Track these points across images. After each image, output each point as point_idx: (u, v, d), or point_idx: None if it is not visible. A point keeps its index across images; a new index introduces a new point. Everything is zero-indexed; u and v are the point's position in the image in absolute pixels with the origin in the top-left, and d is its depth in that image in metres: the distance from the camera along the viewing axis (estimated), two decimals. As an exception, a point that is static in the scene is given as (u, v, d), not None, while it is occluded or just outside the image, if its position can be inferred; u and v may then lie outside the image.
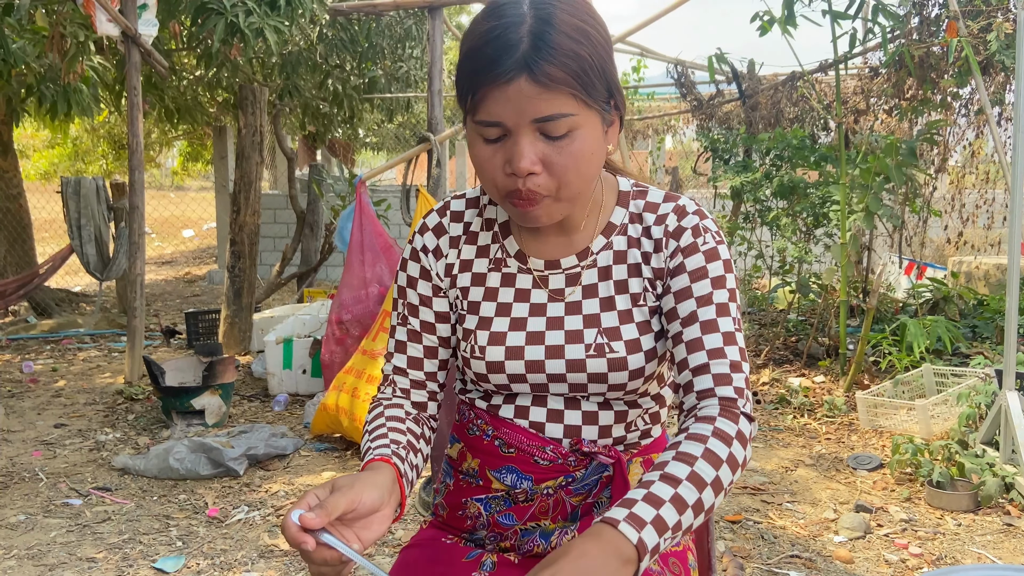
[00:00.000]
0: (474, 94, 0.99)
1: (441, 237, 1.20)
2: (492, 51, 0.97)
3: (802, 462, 3.56)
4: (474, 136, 1.04)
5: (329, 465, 3.55)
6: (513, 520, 1.18)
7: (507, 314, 1.15)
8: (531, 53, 0.96)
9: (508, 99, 0.97)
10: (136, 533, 2.87)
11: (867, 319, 4.40)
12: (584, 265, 1.15)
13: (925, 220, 5.95)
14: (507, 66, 0.96)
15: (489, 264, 1.18)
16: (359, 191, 4.27)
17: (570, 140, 1.00)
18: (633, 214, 1.16)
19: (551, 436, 1.15)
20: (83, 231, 6.30)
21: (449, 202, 1.23)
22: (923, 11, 4.48)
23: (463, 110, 1.05)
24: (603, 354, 1.11)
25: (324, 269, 8.55)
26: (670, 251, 1.12)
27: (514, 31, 0.97)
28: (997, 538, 2.79)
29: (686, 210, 1.14)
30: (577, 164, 1.01)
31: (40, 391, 4.78)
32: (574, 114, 0.99)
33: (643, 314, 1.13)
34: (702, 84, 6.70)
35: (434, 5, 4.78)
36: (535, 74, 0.96)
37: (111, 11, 4.60)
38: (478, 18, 1.03)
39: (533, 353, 1.13)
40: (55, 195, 6.77)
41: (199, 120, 8.49)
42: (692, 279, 1.10)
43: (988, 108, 3.94)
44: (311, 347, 4.61)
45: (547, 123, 0.98)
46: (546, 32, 0.97)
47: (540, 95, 0.97)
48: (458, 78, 1.03)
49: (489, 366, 1.14)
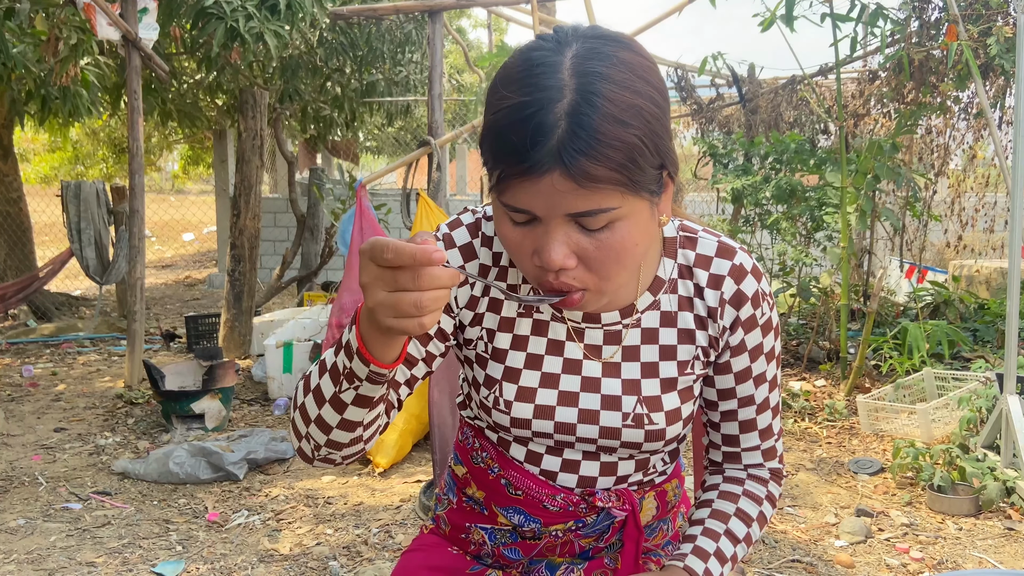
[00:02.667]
0: (499, 175, 0.85)
1: (470, 261, 1.04)
2: (522, 136, 0.81)
3: (803, 466, 3.55)
4: (499, 213, 0.90)
5: (329, 470, 3.54)
6: (519, 555, 1.15)
7: (538, 367, 1.04)
8: (568, 144, 0.80)
9: (539, 192, 0.83)
10: (136, 537, 2.87)
11: (868, 323, 4.39)
12: (628, 323, 1.03)
13: (925, 224, 5.95)
14: (538, 158, 0.81)
15: (520, 308, 1.05)
16: (359, 195, 4.27)
17: (611, 232, 0.86)
18: (683, 267, 1.04)
19: (563, 485, 1.08)
20: (83, 235, 6.30)
21: (480, 221, 1.06)
22: (923, 15, 4.48)
23: (487, 170, 0.89)
24: (641, 425, 1.02)
25: (324, 273, 8.55)
26: (728, 322, 1.03)
27: (548, 112, 0.81)
28: (998, 542, 2.78)
29: (744, 270, 1.03)
30: (618, 257, 0.88)
31: (40, 395, 4.77)
32: (616, 207, 0.85)
33: (688, 382, 1.05)
34: (702, 88, 6.71)
35: (434, 9, 4.78)
36: (571, 171, 0.81)
37: (111, 15, 4.60)
38: (508, 77, 0.86)
39: (564, 415, 1.03)
40: (55, 199, 6.78)
41: (199, 125, 8.50)
42: (752, 358, 1.05)
43: (988, 112, 3.94)
44: (311, 351, 4.60)
45: (584, 218, 0.85)
46: (587, 116, 0.80)
47: (576, 191, 0.82)
48: (481, 144, 0.88)
49: (514, 421, 1.04)
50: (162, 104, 7.58)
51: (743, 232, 5.48)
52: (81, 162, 13.88)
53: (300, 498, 3.21)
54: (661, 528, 1.19)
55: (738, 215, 5.54)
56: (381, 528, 2.93)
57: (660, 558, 1.16)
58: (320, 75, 7.48)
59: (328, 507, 3.13)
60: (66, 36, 4.95)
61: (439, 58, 4.75)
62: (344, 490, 3.30)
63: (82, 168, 13.91)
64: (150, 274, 10.98)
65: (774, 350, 1.07)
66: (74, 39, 4.98)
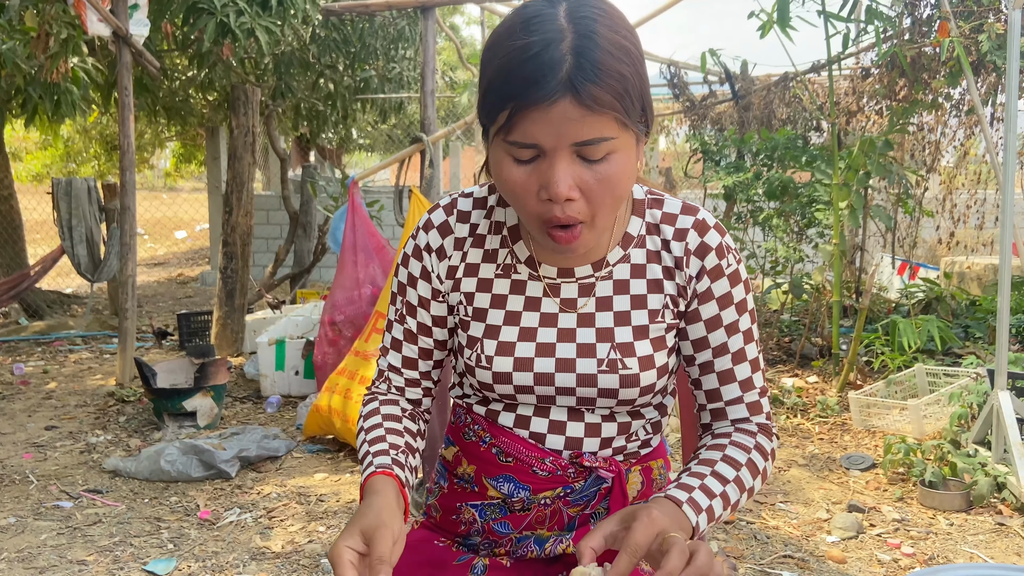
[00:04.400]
0: (510, 113, 0.93)
1: (446, 237, 1.15)
2: (532, 69, 0.90)
3: (795, 462, 3.56)
4: (502, 156, 0.98)
5: (322, 467, 3.53)
6: (509, 528, 1.17)
7: (516, 323, 1.11)
8: (576, 73, 0.90)
9: (549, 121, 0.91)
10: (127, 535, 2.86)
11: (860, 319, 4.40)
12: (599, 276, 1.11)
13: (917, 220, 5.97)
14: (550, 87, 0.90)
15: (497, 270, 1.13)
16: (352, 192, 4.26)
17: (607, 164, 0.95)
18: (650, 224, 1.12)
19: (551, 448, 1.13)
20: (74, 232, 6.28)
21: (456, 200, 1.17)
22: (915, 11, 4.49)
23: (485, 126, 0.99)
24: (616, 370, 1.08)
25: (317, 270, 8.53)
26: (694, 271, 1.10)
27: (555, 48, 0.90)
28: (989, 537, 2.79)
29: (707, 224, 1.11)
30: (613, 188, 0.97)
31: (31, 393, 4.75)
32: (614, 137, 0.94)
33: (659, 330, 1.11)
34: (695, 85, 6.71)
35: (427, 6, 4.77)
36: (580, 96, 0.90)
37: (102, 11, 4.58)
38: (509, 30, 0.95)
39: (543, 365, 1.09)
40: (46, 196, 6.75)
41: (190, 122, 8.47)
42: (720, 306, 1.10)
43: (980, 108, 3.95)
44: (304, 348, 4.59)
45: (587, 147, 0.93)
46: (590, 50, 0.91)
47: (584, 118, 0.91)
48: (485, 94, 0.96)
49: (496, 376, 1.10)
50: (152, 103, 7.55)
51: (735, 229, 5.49)
52: (73, 159, 13.82)
53: (292, 496, 3.21)
54: None
55: (731, 212, 5.54)
56: (373, 525, 2.92)
57: None
58: (313, 71, 7.46)
59: (320, 504, 3.12)
60: (56, 32, 4.92)
61: (432, 54, 4.74)
62: (336, 487, 3.30)
63: (74, 166, 13.85)
64: (142, 271, 10.94)
65: (745, 303, 1.11)
66: (64, 34, 4.95)
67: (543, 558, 1.16)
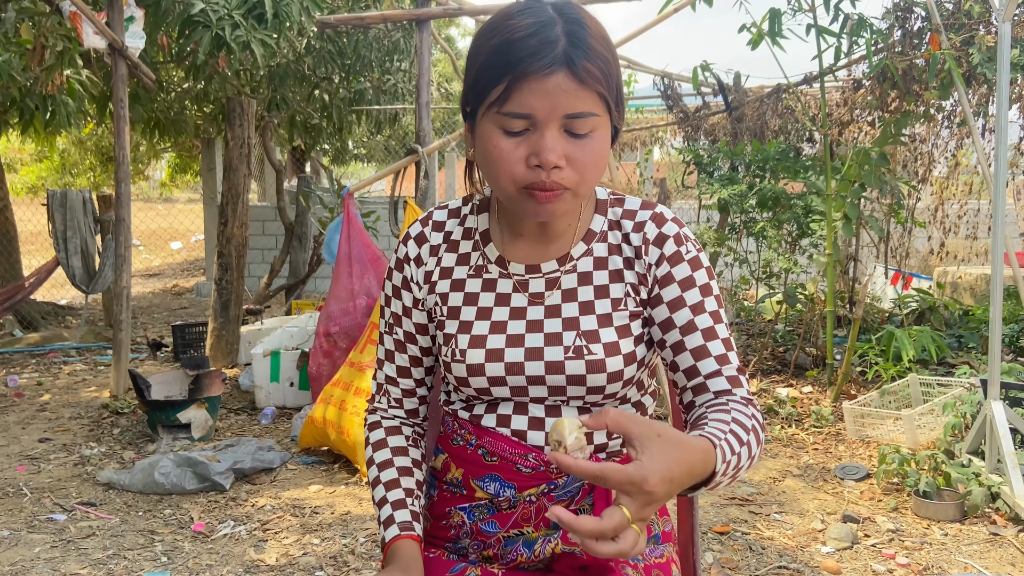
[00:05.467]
0: (507, 85, 1.01)
1: (422, 246, 1.22)
2: (533, 43, 1.00)
3: (790, 472, 3.56)
4: (492, 128, 1.05)
5: (316, 479, 3.53)
6: (496, 528, 1.19)
7: (487, 318, 1.17)
8: (570, 49, 1.00)
9: (546, 91, 1.00)
10: (121, 549, 2.85)
11: (854, 329, 4.42)
12: (564, 270, 1.17)
13: (910, 231, 5.99)
14: (548, 59, 0.99)
15: (469, 271, 1.20)
16: (347, 203, 4.27)
17: (591, 139, 1.04)
18: (611, 221, 1.19)
19: (533, 443, 1.16)
20: (69, 244, 6.27)
21: (432, 212, 1.25)
22: (906, 24, 4.53)
23: (475, 106, 1.07)
24: (581, 356, 1.12)
25: (312, 281, 8.53)
26: (654, 258, 1.15)
27: (551, 28, 1.01)
28: (983, 547, 2.80)
29: (664, 217, 1.17)
30: (595, 162, 1.05)
31: (25, 405, 4.74)
32: (598, 115, 1.03)
33: (623, 318, 1.15)
34: (688, 96, 6.74)
35: (422, 18, 4.79)
36: (576, 69, 1.00)
37: (98, 24, 4.60)
38: (502, 17, 1.05)
39: (513, 355, 1.14)
40: (41, 208, 6.74)
41: (186, 132, 8.47)
42: (683, 288, 1.14)
43: (971, 120, 3.97)
44: (299, 360, 4.59)
45: (576, 119, 1.02)
46: (581, 33, 1.01)
47: (576, 91, 1.01)
48: (480, 69, 1.04)
49: (469, 369, 1.15)
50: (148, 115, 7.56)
51: (730, 240, 5.51)
52: (68, 171, 13.81)
53: (287, 508, 3.20)
54: None
55: (725, 222, 5.56)
56: (368, 538, 2.92)
57: (637, 562, 1.16)
58: (308, 83, 7.48)
59: (315, 517, 3.12)
60: (52, 44, 4.93)
61: (427, 66, 4.76)
62: (331, 499, 3.29)
63: (70, 177, 13.84)
64: (137, 283, 10.92)
65: (709, 287, 1.15)
66: (60, 46, 4.96)
67: (534, 562, 1.17)
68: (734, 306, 6.26)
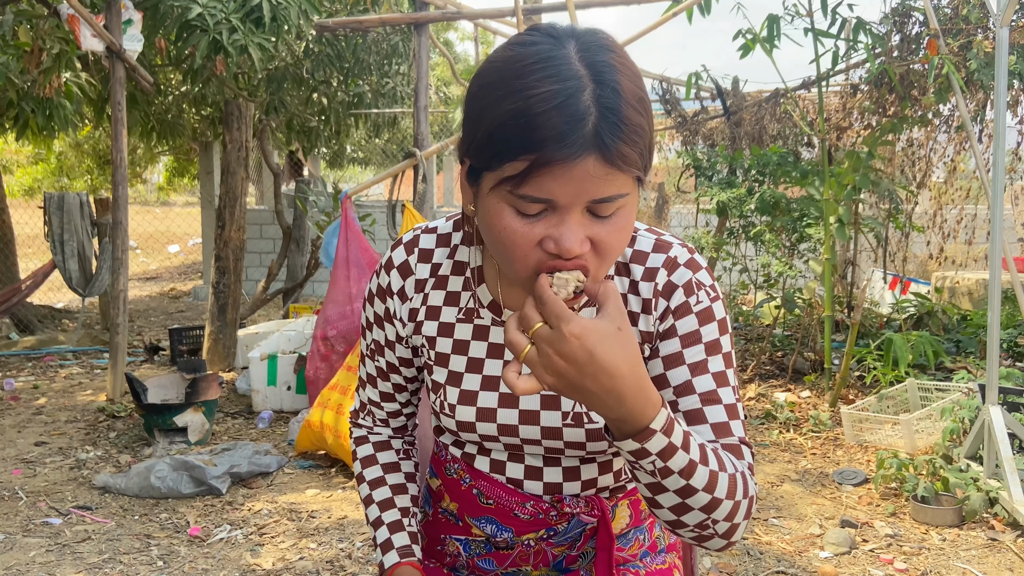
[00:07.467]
0: (527, 167, 0.83)
1: (407, 279, 1.10)
2: (557, 121, 0.80)
3: (788, 477, 3.56)
4: (502, 207, 0.87)
5: (313, 483, 3.52)
6: (493, 566, 1.16)
7: (478, 371, 1.07)
8: (602, 126, 0.81)
9: (571, 179, 0.82)
10: (116, 553, 2.83)
11: (852, 334, 4.42)
12: None
13: (907, 235, 6.00)
14: (576, 144, 0.81)
15: (459, 314, 1.08)
16: (345, 206, 4.27)
17: (617, 218, 0.88)
18: (620, 264, 1.05)
19: (530, 492, 1.09)
20: (66, 247, 6.26)
21: (418, 237, 1.11)
22: (904, 28, 4.53)
23: (484, 169, 0.88)
24: (581, 424, 1.03)
25: (310, 285, 8.52)
26: (659, 312, 1.02)
27: (578, 99, 0.81)
28: (981, 553, 2.79)
29: (677, 262, 1.03)
30: (621, 240, 0.90)
31: (21, 408, 4.72)
32: (629, 194, 0.87)
33: None
34: (687, 101, 6.74)
35: (420, 22, 4.80)
36: (608, 154, 0.82)
37: (95, 26, 4.59)
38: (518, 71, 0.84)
39: (506, 416, 1.05)
40: (38, 211, 6.74)
41: (183, 135, 8.47)
42: (684, 344, 1.00)
43: (969, 125, 3.98)
44: (296, 363, 4.58)
45: (603, 204, 0.86)
46: (614, 101, 0.82)
47: (607, 175, 0.83)
48: (492, 135, 0.85)
49: (460, 425, 1.08)
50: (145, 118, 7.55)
51: (728, 244, 5.51)
52: (65, 174, 13.79)
53: (283, 512, 3.19)
54: (637, 538, 1.19)
55: (723, 227, 5.57)
56: (365, 542, 2.91)
57: (638, 569, 1.16)
58: (306, 87, 7.48)
59: (312, 521, 3.11)
60: (49, 47, 4.93)
61: (425, 70, 4.76)
62: (328, 504, 3.28)
63: (67, 180, 13.82)
64: (134, 286, 10.91)
65: (718, 344, 1.00)
66: (57, 49, 4.96)
67: None
68: (733, 311, 6.26)
